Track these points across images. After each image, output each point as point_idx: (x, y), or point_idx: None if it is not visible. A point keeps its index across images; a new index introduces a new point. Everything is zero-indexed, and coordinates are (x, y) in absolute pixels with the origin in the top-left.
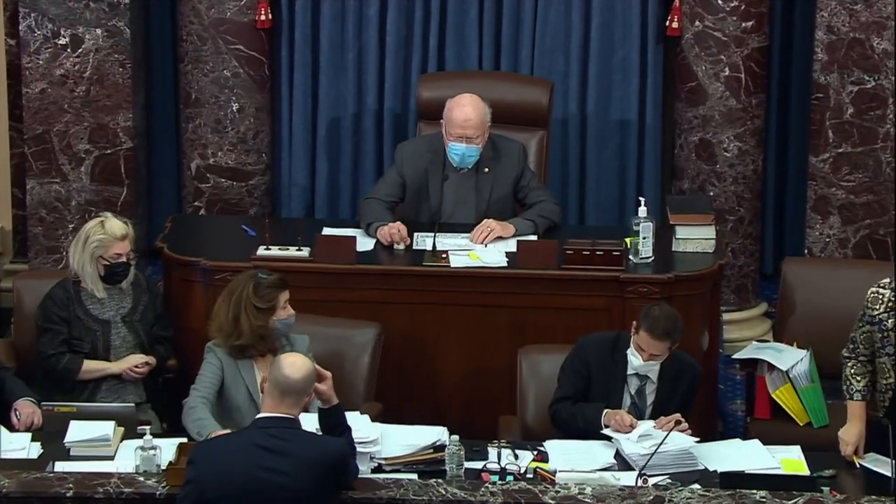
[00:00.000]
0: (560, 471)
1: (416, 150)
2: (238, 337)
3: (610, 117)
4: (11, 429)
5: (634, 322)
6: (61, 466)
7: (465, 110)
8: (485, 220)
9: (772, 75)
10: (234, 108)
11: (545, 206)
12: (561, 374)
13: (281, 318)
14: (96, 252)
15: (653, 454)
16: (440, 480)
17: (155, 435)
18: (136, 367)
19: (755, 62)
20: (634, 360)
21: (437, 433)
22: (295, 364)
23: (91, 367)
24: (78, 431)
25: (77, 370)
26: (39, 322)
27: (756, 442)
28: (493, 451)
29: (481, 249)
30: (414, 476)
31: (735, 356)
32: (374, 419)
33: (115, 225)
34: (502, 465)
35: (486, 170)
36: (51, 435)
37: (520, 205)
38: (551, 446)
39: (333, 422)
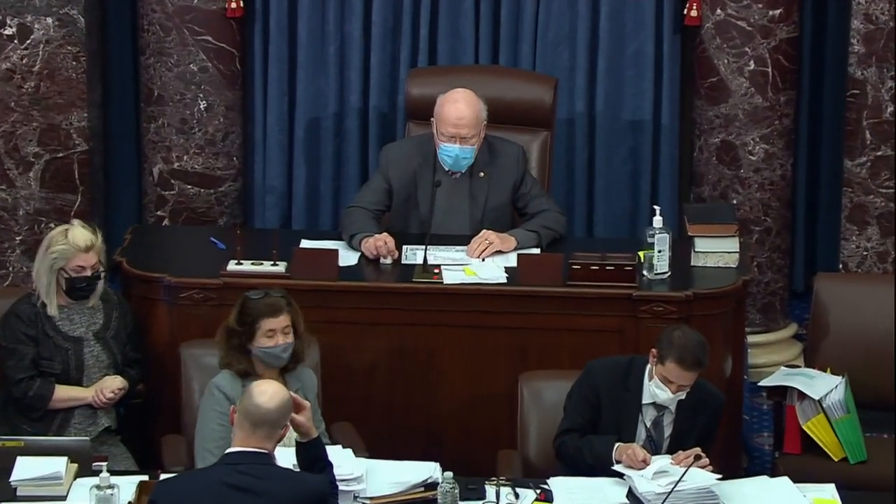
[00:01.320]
0: None
1: (404, 153)
2: (237, 362)
3: (621, 117)
4: None
5: (654, 350)
6: None
7: (458, 107)
8: (483, 232)
9: (802, 69)
10: (201, 107)
11: (549, 215)
12: (567, 402)
13: (261, 345)
14: (56, 263)
15: (670, 493)
16: None
17: (114, 472)
18: (114, 391)
19: (784, 55)
20: (660, 392)
21: (428, 469)
22: (267, 392)
23: (64, 394)
24: (26, 469)
25: (49, 396)
26: (3, 343)
27: (785, 479)
28: (490, 490)
29: (478, 264)
30: None
31: (762, 383)
32: (344, 444)
33: (78, 234)
34: None
35: (482, 175)
36: None
37: (519, 214)
38: (556, 484)
39: (312, 457)
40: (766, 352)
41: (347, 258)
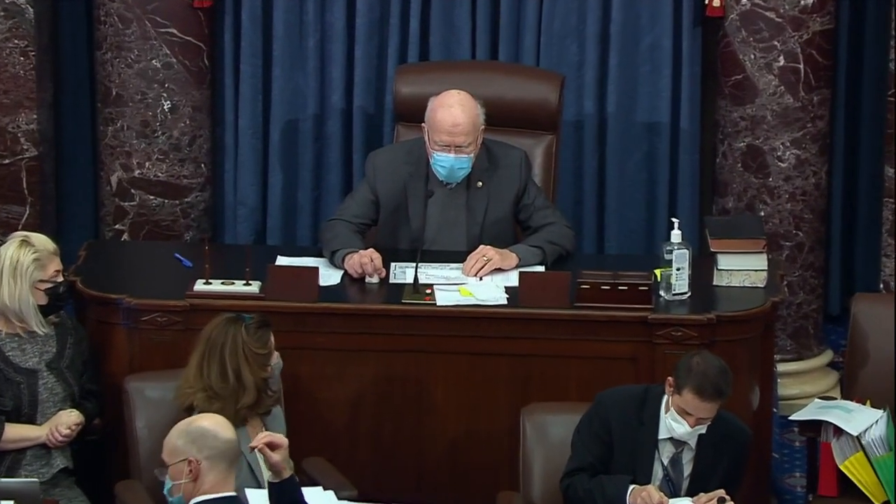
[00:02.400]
0: None
1: (393, 161)
2: (245, 395)
3: (635, 119)
4: None
5: (670, 379)
6: None
7: (453, 112)
8: (480, 248)
9: (838, 66)
10: (165, 108)
11: (554, 229)
12: (575, 438)
13: (274, 361)
14: (35, 276)
15: None
16: None
17: None
18: (70, 428)
19: (817, 49)
20: (677, 426)
21: None
22: (221, 422)
23: (15, 434)
24: None
25: None
26: None
27: None
28: None
29: (475, 283)
30: None
31: (793, 417)
32: (325, 483)
33: (41, 238)
34: None
35: (480, 184)
36: None
37: (522, 228)
38: None
39: (289, 500)
40: (798, 382)
41: (328, 277)
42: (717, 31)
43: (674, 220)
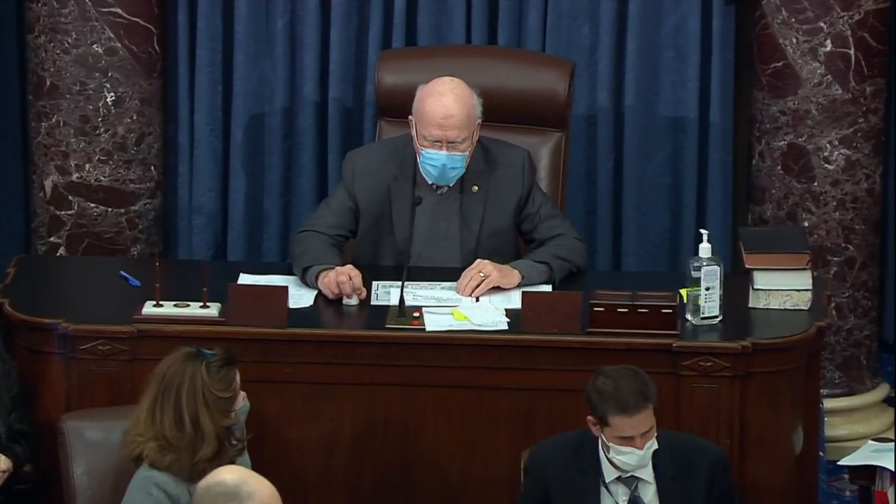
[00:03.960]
0: None
1: (374, 161)
2: (204, 446)
3: (657, 113)
4: None
5: (590, 418)
6: None
7: (445, 102)
8: (477, 262)
9: (894, 51)
10: (108, 100)
11: (563, 242)
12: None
13: (239, 405)
14: None
15: None
16: None
17: None
18: None
19: (871, 32)
20: (627, 458)
21: None
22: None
23: None
24: None
25: None
26: None
27: None
28: None
29: (471, 305)
30: None
31: (843, 462)
32: None
33: None
34: None
35: (476, 189)
36: None
37: (525, 240)
38: None
39: None
40: (849, 421)
41: (300, 298)
42: (754, 10)
43: (702, 231)
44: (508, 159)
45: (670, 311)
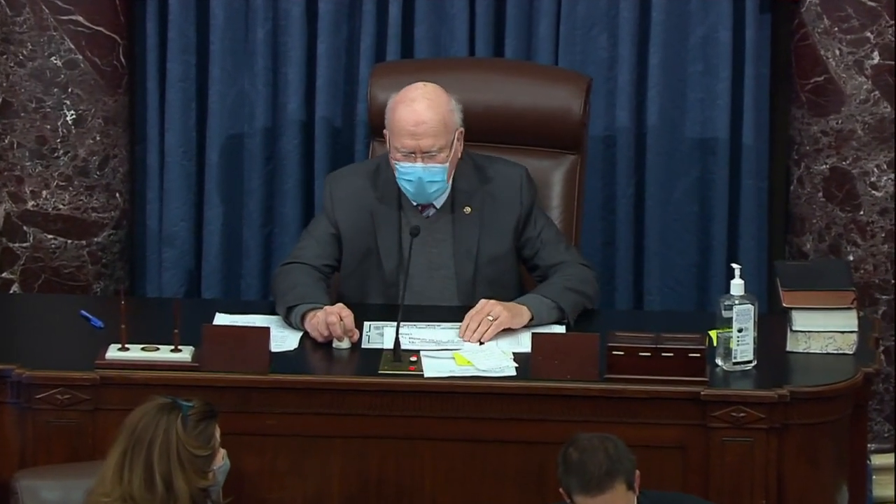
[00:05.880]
0: None
1: (354, 184)
2: None
3: (684, 134)
4: None
5: (560, 489)
6: None
7: (416, 108)
8: (482, 303)
9: None
10: (68, 119)
11: (572, 272)
12: None
13: (218, 464)
14: None
15: None
16: None
17: None
18: None
19: None
20: None
21: None
22: None
23: None
24: None
25: None
26: None
27: None
28: None
29: (474, 348)
30: None
31: None
32: None
33: None
34: None
35: (469, 210)
36: None
37: (528, 268)
38: None
39: None
40: None
41: (283, 341)
42: (792, 18)
43: (734, 266)
44: (504, 176)
45: (698, 355)
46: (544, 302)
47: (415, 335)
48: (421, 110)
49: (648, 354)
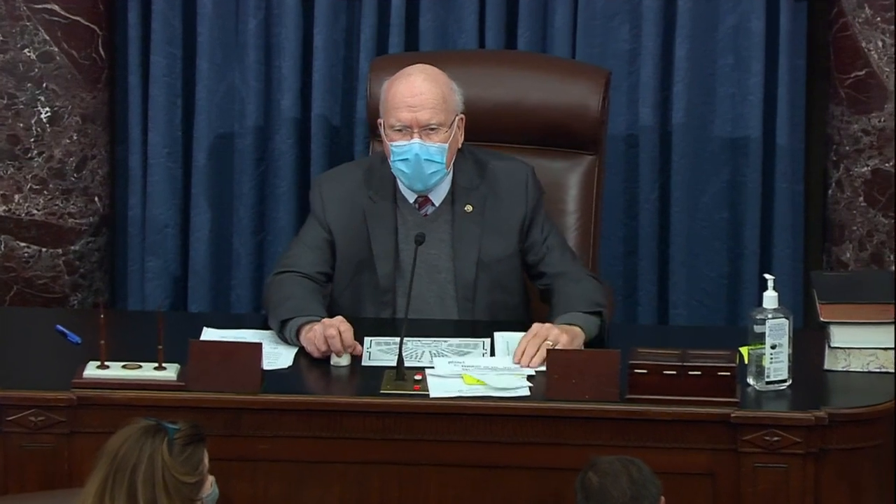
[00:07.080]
0: None
1: (345, 184)
2: None
3: (712, 133)
4: None
5: None
6: None
7: (413, 80)
8: (536, 327)
9: None
10: (43, 117)
11: (587, 285)
12: None
13: (206, 492)
14: None
15: None
16: None
17: None
18: None
19: None
20: None
21: None
22: None
23: None
24: None
25: None
26: None
27: None
28: None
29: (482, 367)
30: None
31: None
32: None
33: None
34: None
35: (470, 208)
36: None
37: (530, 275)
38: None
39: None
40: None
41: (276, 358)
42: (830, 7)
43: (767, 277)
44: (508, 173)
45: (728, 374)
46: (590, 319)
47: (419, 351)
48: (418, 83)
49: (674, 373)
